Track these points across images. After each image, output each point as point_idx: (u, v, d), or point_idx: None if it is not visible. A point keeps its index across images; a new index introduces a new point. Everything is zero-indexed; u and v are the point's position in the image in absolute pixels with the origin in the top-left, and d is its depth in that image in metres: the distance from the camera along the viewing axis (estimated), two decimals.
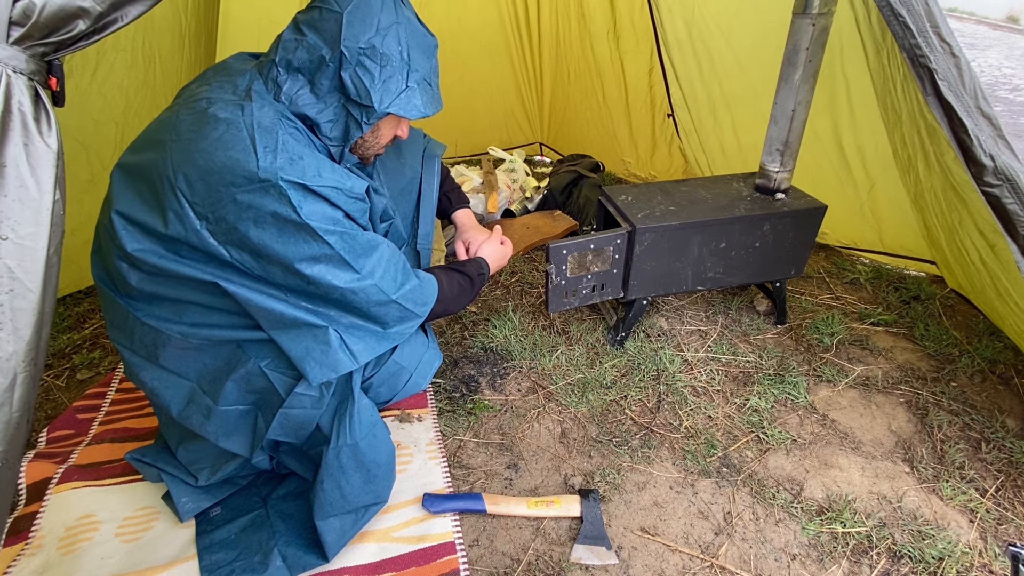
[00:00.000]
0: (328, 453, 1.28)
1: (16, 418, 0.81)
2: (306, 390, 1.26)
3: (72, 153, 1.94)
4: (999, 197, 1.34)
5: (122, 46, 1.92)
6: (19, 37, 0.78)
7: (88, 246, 1.37)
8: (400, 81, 1.15)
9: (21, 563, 1.26)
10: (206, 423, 1.26)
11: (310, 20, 1.13)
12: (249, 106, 1.08)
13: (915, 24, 1.32)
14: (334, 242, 1.12)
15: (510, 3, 3.19)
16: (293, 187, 1.06)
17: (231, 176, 1.04)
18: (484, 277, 1.57)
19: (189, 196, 1.05)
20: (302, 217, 1.07)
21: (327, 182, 1.10)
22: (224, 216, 1.06)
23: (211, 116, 1.06)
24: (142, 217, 1.09)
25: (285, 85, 1.13)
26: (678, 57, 2.65)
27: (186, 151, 1.05)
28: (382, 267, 1.21)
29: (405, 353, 1.53)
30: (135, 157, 1.13)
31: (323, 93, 1.15)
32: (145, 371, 1.25)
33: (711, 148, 2.81)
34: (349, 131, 1.20)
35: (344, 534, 1.31)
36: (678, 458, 1.62)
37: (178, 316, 1.19)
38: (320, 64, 1.12)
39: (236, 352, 1.25)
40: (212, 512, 1.40)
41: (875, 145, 2.19)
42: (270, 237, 1.08)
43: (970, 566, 1.34)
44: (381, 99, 1.14)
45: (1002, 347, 1.99)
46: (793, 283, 2.39)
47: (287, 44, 1.13)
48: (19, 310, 0.80)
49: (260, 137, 1.05)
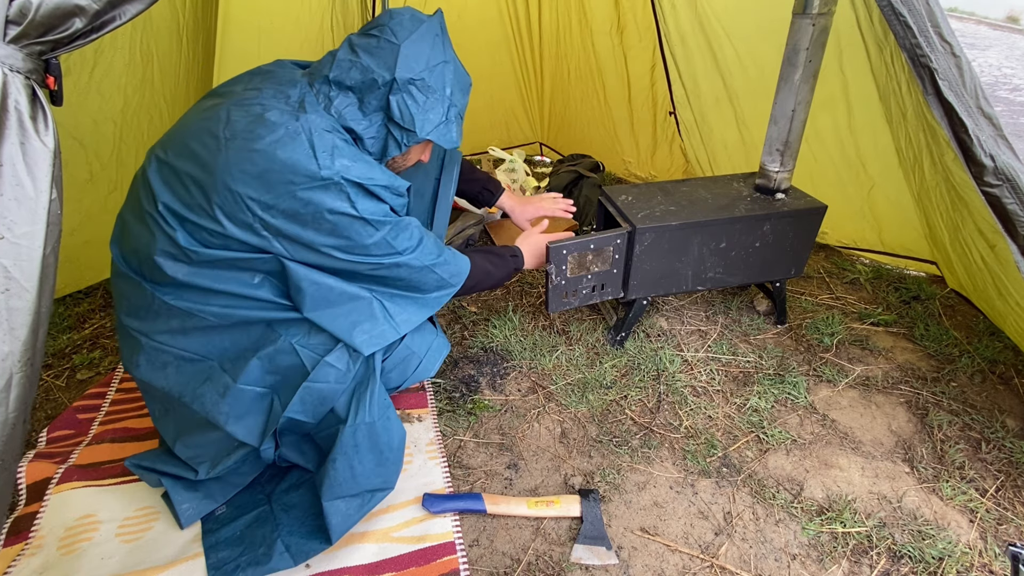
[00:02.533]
0: (344, 431, 1.32)
1: (12, 418, 0.81)
2: (335, 361, 1.32)
3: (70, 152, 1.94)
4: (999, 197, 1.34)
5: (120, 45, 1.92)
6: (16, 36, 0.78)
7: (89, 246, 1.38)
8: (440, 113, 1.29)
9: (21, 563, 1.26)
10: (220, 402, 1.28)
11: (367, 45, 1.24)
12: (304, 115, 1.19)
13: (916, 24, 1.32)
14: (384, 231, 1.25)
15: (510, 0, 3.18)
16: (352, 185, 1.18)
17: (291, 175, 1.13)
18: (518, 260, 1.73)
19: (245, 192, 1.13)
20: (359, 212, 1.20)
21: (379, 181, 1.23)
22: (281, 211, 1.15)
23: (268, 120, 1.15)
24: (192, 215, 1.16)
25: (336, 100, 1.25)
26: (681, 54, 2.64)
27: (244, 149, 1.13)
28: (421, 244, 1.35)
29: (415, 339, 1.58)
30: (176, 155, 1.18)
31: (369, 111, 1.27)
32: (160, 355, 1.28)
33: (713, 146, 2.80)
34: (387, 149, 1.31)
35: (349, 518, 1.32)
36: (678, 458, 1.62)
37: (207, 300, 1.24)
38: (372, 86, 1.24)
39: (266, 331, 1.30)
40: (218, 511, 1.41)
41: (875, 145, 2.18)
42: (324, 231, 1.19)
43: (970, 566, 1.34)
44: (423, 126, 1.27)
45: (1002, 347, 1.99)
46: (793, 283, 2.39)
47: (342, 63, 1.24)
48: (15, 310, 0.80)
49: (318, 142, 1.16)
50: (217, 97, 1.25)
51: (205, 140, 1.15)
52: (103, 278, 2.29)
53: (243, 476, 1.46)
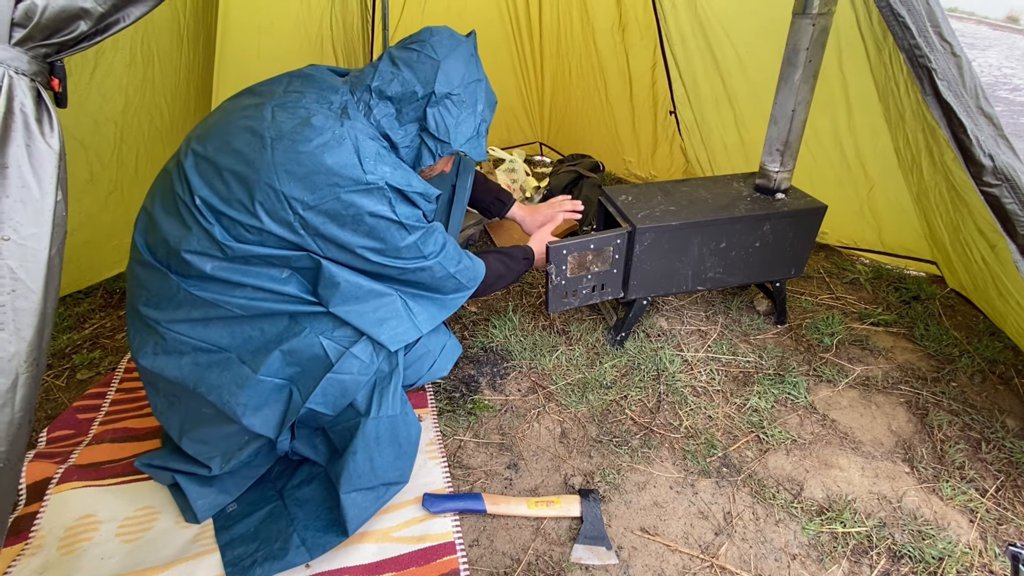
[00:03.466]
0: (367, 423, 1.35)
1: (18, 419, 0.81)
2: (360, 353, 1.35)
3: (71, 152, 1.94)
4: (998, 197, 1.34)
5: (121, 45, 1.92)
6: (21, 38, 0.78)
7: (88, 246, 1.38)
8: (472, 127, 1.36)
9: (21, 563, 1.26)
10: (238, 393, 1.29)
11: (407, 59, 1.31)
12: (349, 122, 1.24)
13: (915, 24, 1.32)
14: (417, 236, 1.32)
15: (511, 0, 3.18)
16: (393, 191, 1.25)
17: (337, 177, 1.19)
18: (529, 262, 1.79)
19: (288, 192, 1.17)
20: (397, 216, 1.26)
21: (416, 188, 1.29)
22: (322, 211, 1.20)
23: (315, 124, 1.20)
24: (230, 210, 1.19)
25: (376, 108, 1.31)
26: (681, 53, 2.64)
27: (291, 150, 1.18)
28: (445, 249, 1.42)
29: (431, 339, 1.63)
30: (217, 150, 1.21)
31: (406, 121, 1.33)
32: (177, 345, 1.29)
33: (713, 146, 2.81)
34: (421, 158, 1.37)
35: (365, 510, 1.35)
36: (678, 458, 1.63)
37: (233, 293, 1.27)
38: (411, 98, 1.30)
39: (290, 324, 1.33)
40: (228, 508, 1.41)
41: (875, 145, 2.19)
42: (362, 233, 1.25)
43: (970, 566, 1.34)
44: (456, 138, 1.34)
45: (1002, 347, 2.00)
46: (793, 283, 2.40)
47: (383, 75, 1.31)
48: (21, 311, 0.80)
49: (363, 148, 1.22)
50: (256, 96, 1.29)
51: (248, 138, 1.19)
52: (103, 278, 2.29)
53: (256, 469, 1.47)
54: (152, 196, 1.30)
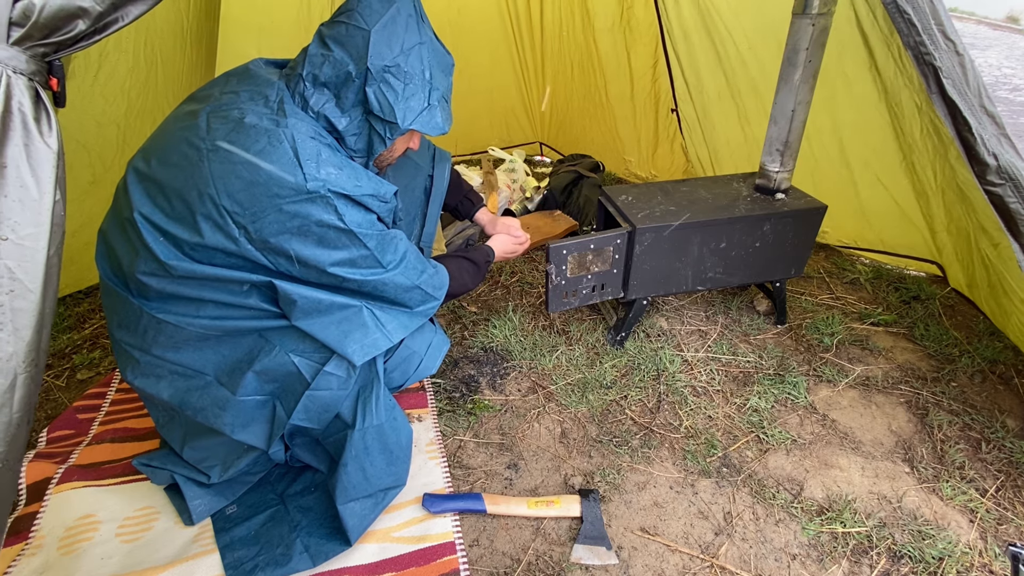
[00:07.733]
0: (353, 435, 1.32)
1: (17, 419, 0.81)
2: (335, 370, 1.29)
3: (74, 155, 1.94)
4: (1002, 196, 1.33)
5: (124, 48, 1.92)
6: (19, 38, 0.78)
7: (90, 248, 1.37)
8: (422, 99, 1.21)
9: (21, 563, 1.27)
10: (222, 414, 1.26)
11: (336, 35, 1.16)
12: (285, 120, 1.12)
13: (920, 22, 1.32)
14: (371, 244, 1.21)
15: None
16: (339, 197, 1.13)
17: (277, 188, 1.09)
18: (489, 263, 1.70)
19: (229, 206, 1.09)
20: (346, 224, 1.15)
21: (366, 190, 1.17)
22: (266, 224, 1.10)
23: (249, 127, 1.10)
24: (173, 227, 1.11)
25: (312, 99, 1.18)
26: (683, 50, 2.64)
27: (227, 161, 1.08)
28: (405, 260, 1.30)
29: (415, 339, 1.57)
30: (158, 166, 1.14)
31: (347, 107, 1.20)
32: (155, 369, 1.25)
33: (715, 142, 2.80)
34: (373, 145, 1.25)
35: (365, 518, 1.34)
36: (678, 458, 1.62)
37: (197, 312, 1.20)
38: (346, 79, 1.16)
39: (258, 341, 1.27)
40: (228, 510, 1.41)
41: (875, 145, 2.18)
42: (311, 243, 1.14)
43: (970, 566, 1.34)
44: (404, 116, 1.19)
45: (1002, 347, 1.99)
46: (793, 283, 2.39)
47: (313, 59, 1.17)
48: (19, 311, 0.80)
49: (302, 151, 1.10)
50: (195, 102, 1.19)
51: (185, 151, 1.10)
52: None
53: (253, 475, 1.47)
54: (107, 218, 1.24)
